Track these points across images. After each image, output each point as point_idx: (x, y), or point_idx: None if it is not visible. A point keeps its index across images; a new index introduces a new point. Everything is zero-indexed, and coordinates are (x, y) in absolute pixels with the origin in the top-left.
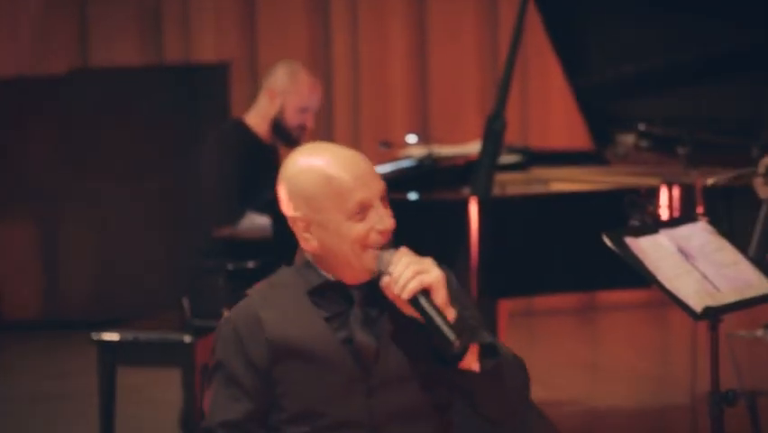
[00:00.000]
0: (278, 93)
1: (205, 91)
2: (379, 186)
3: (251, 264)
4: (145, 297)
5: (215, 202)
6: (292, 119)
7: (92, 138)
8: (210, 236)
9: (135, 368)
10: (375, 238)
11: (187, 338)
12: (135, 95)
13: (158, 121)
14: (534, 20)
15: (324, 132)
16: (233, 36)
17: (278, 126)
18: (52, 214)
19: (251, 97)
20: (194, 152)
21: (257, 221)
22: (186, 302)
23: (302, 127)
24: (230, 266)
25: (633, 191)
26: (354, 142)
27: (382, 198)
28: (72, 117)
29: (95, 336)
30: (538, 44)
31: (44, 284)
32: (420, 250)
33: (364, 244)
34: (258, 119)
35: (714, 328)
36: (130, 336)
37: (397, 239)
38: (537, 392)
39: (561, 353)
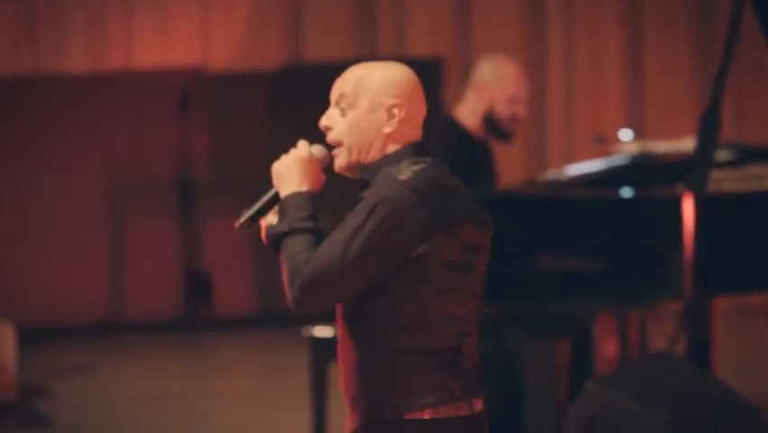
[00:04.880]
0: (486, 87)
1: None
2: (334, 92)
3: None
4: None
5: None
6: (503, 111)
7: (305, 133)
8: None
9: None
10: None
11: None
12: None
13: None
14: (748, 14)
15: (537, 128)
16: (446, 31)
17: (490, 121)
18: None
19: (462, 93)
20: None
21: None
22: None
23: (514, 118)
24: None
25: None
26: (568, 139)
27: (335, 102)
28: (284, 112)
29: (306, 331)
30: (753, 38)
31: (256, 280)
32: (634, 246)
33: None
34: (468, 115)
35: None
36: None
37: (612, 235)
38: (750, 391)
39: None
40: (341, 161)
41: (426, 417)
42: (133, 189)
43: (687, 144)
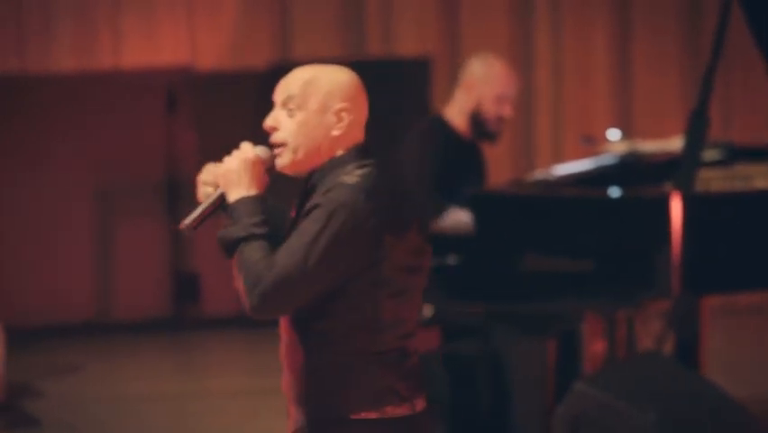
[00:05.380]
0: (475, 85)
1: (406, 86)
2: (280, 94)
3: (451, 260)
4: None
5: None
6: (490, 110)
7: None
8: None
9: None
10: None
11: None
12: None
13: None
14: (737, 14)
15: (525, 128)
16: (434, 31)
17: (476, 120)
18: None
19: (451, 93)
20: (394, 147)
21: (458, 216)
22: None
23: (500, 118)
24: (433, 262)
25: None
26: (556, 138)
27: (281, 103)
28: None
29: None
30: (741, 39)
31: None
32: (622, 245)
33: None
34: (456, 114)
35: None
36: None
37: (600, 235)
38: (739, 391)
39: (764, 351)
40: (284, 160)
41: (372, 416)
42: (121, 189)
43: (675, 144)
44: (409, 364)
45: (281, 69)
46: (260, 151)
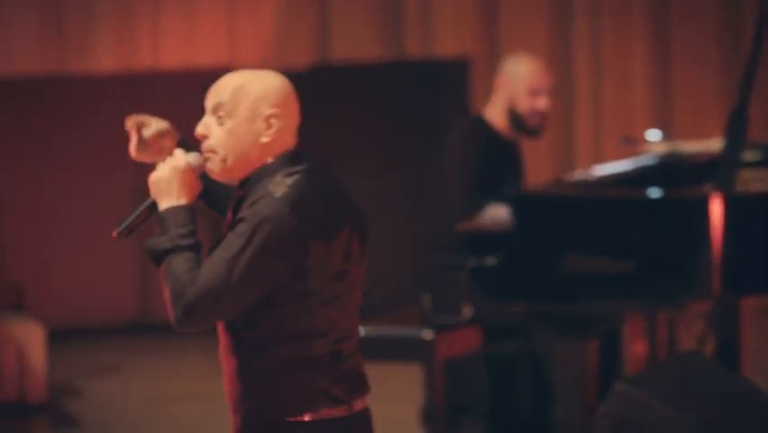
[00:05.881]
0: (507, 81)
1: (445, 86)
2: (210, 101)
3: (491, 261)
4: (386, 291)
5: (456, 198)
6: (524, 104)
7: (332, 133)
8: (451, 232)
9: (376, 363)
10: None
11: (428, 334)
12: (375, 89)
13: (398, 116)
14: None
15: (565, 128)
16: (473, 32)
17: (513, 116)
18: None
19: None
20: (434, 147)
21: (497, 211)
22: (426, 298)
23: (537, 112)
24: (470, 262)
25: None
26: (596, 139)
27: (212, 110)
28: (312, 112)
29: None
30: None
31: None
32: (663, 246)
33: None
34: (495, 114)
35: None
36: (370, 331)
37: (641, 235)
38: None
39: None
40: (214, 168)
41: (307, 419)
42: None
43: (715, 144)
44: (345, 367)
45: (321, 69)
46: (192, 158)
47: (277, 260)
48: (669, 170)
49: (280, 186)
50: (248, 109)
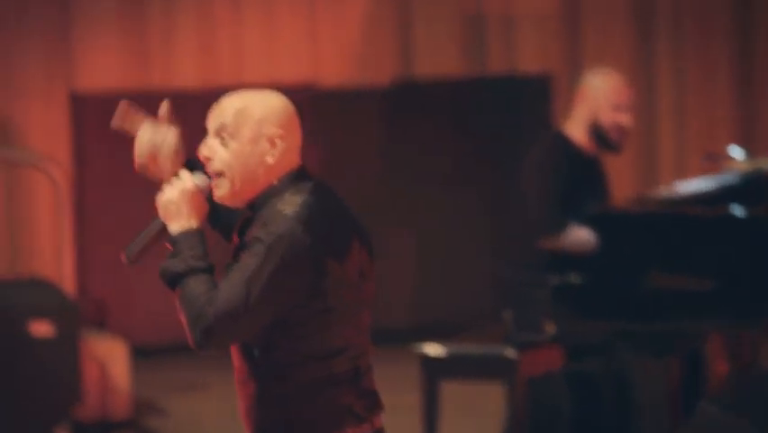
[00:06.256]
0: (590, 96)
1: (527, 103)
2: (213, 122)
3: (573, 279)
4: (467, 309)
5: (538, 214)
6: (607, 119)
7: (414, 148)
8: (533, 249)
9: (459, 381)
10: None
11: (510, 352)
12: (458, 105)
13: (480, 132)
14: None
15: (648, 145)
16: (555, 48)
17: (596, 131)
18: (374, 223)
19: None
20: (516, 163)
21: (580, 234)
22: (508, 315)
23: (619, 127)
24: (553, 280)
25: None
26: (679, 155)
27: (215, 132)
28: (395, 128)
29: (417, 349)
30: None
31: None
32: (746, 265)
33: None
34: (577, 129)
35: None
36: (453, 349)
37: (724, 253)
38: None
39: None
40: (222, 191)
41: None
42: None
43: None
44: (364, 383)
45: (404, 86)
46: (199, 180)
47: (293, 277)
48: (752, 186)
49: (290, 205)
50: (251, 130)
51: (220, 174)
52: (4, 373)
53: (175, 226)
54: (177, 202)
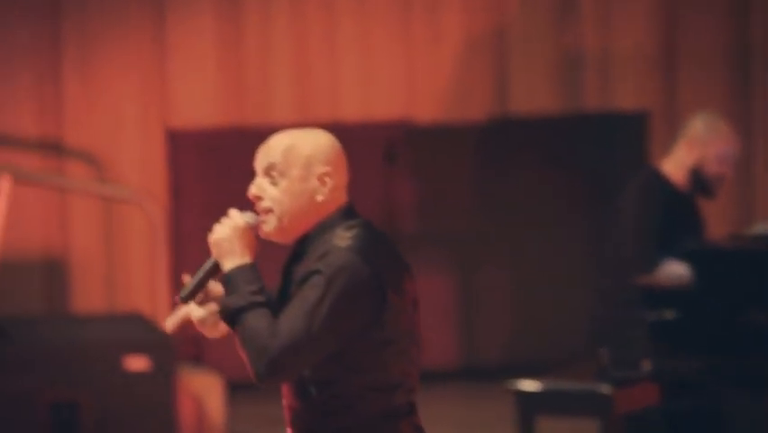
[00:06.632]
0: (698, 143)
1: (623, 140)
2: (261, 162)
3: (669, 315)
4: (562, 346)
5: (633, 251)
6: (711, 168)
7: (509, 185)
8: (628, 285)
9: (554, 417)
10: None
11: (606, 388)
12: (553, 142)
13: (576, 169)
14: None
15: (744, 181)
16: (652, 85)
17: (697, 177)
18: (470, 260)
19: (669, 147)
20: (611, 200)
21: (675, 270)
22: (604, 352)
23: (721, 177)
24: (649, 316)
25: None
26: None
27: (263, 171)
28: (491, 164)
29: (512, 385)
30: None
31: (460, 333)
32: None
33: None
34: (674, 168)
35: None
36: (548, 385)
37: None
38: None
39: None
40: (269, 227)
41: None
42: None
43: None
44: (417, 419)
45: (500, 123)
46: (249, 218)
47: (355, 307)
48: None
49: (344, 239)
50: (301, 168)
51: (268, 211)
52: (101, 408)
53: (229, 263)
54: (229, 239)
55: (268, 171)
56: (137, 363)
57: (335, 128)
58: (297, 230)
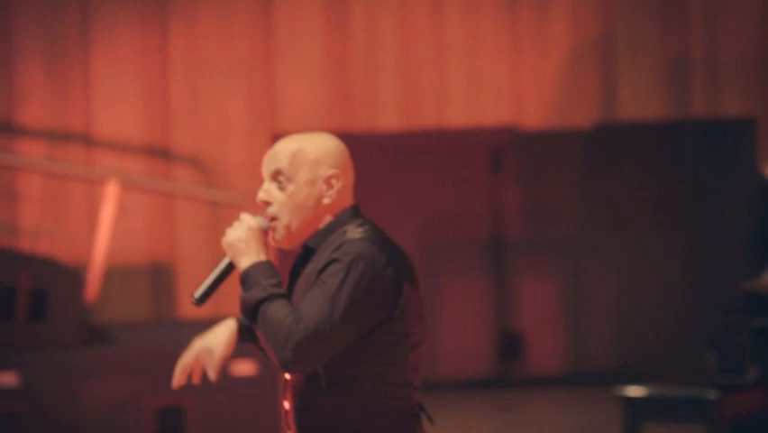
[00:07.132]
0: None
1: (731, 146)
2: (268, 167)
3: None
4: (668, 352)
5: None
6: None
7: (616, 191)
8: (735, 291)
9: (659, 423)
10: None
11: (712, 394)
12: (661, 148)
13: (683, 175)
14: None
15: None
16: (760, 91)
17: None
18: (575, 266)
19: None
20: (719, 206)
21: None
22: (711, 357)
23: None
24: (756, 322)
25: None
26: None
27: (271, 176)
28: (598, 170)
29: (618, 390)
30: None
31: (568, 338)
32: None
33: None
34: None
35: None
36: (655, 391)
37: None
38: None
39: None
40: (278, 235)
41: None
42: (446, 247)
43: None
44: (421, 421)
45: (607, 129)
46: (261, 221)
47: (374, 294)
48: None
49: (357, 233)
50: (308, 172)
51: (275, 219)
52: (207, 412)
53: (246, 262)
54: (245, 239)
55: (275, 177)
56: (243, 367)
57: (442, 134)
58: (305, 235)
